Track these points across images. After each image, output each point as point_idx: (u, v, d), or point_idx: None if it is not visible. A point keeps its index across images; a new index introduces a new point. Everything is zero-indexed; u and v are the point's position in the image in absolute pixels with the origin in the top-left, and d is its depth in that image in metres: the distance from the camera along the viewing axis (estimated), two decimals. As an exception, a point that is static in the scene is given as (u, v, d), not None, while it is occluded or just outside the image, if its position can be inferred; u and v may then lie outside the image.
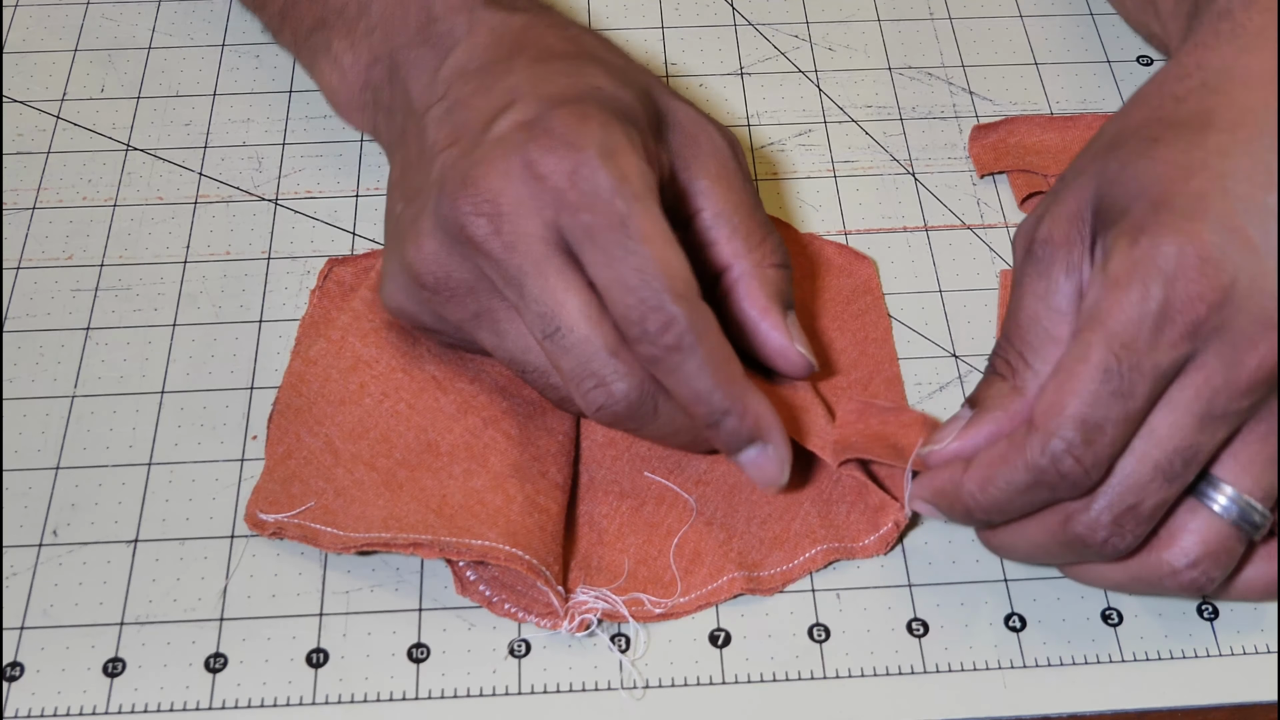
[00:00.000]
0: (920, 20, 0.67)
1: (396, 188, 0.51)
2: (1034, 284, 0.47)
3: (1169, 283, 0.43)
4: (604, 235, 0.45)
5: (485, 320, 0.48)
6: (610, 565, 0.49)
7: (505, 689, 0.47)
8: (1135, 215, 0.44)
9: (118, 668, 0.47)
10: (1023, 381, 0.47)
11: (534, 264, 0.46)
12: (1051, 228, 0.47)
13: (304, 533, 0.49)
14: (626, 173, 0.46)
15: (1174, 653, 0.48)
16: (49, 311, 0.56)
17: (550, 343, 0.46)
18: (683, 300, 0.45)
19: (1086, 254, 0.47)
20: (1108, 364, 0.43)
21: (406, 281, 0.49)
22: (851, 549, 0.50)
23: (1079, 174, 0.48)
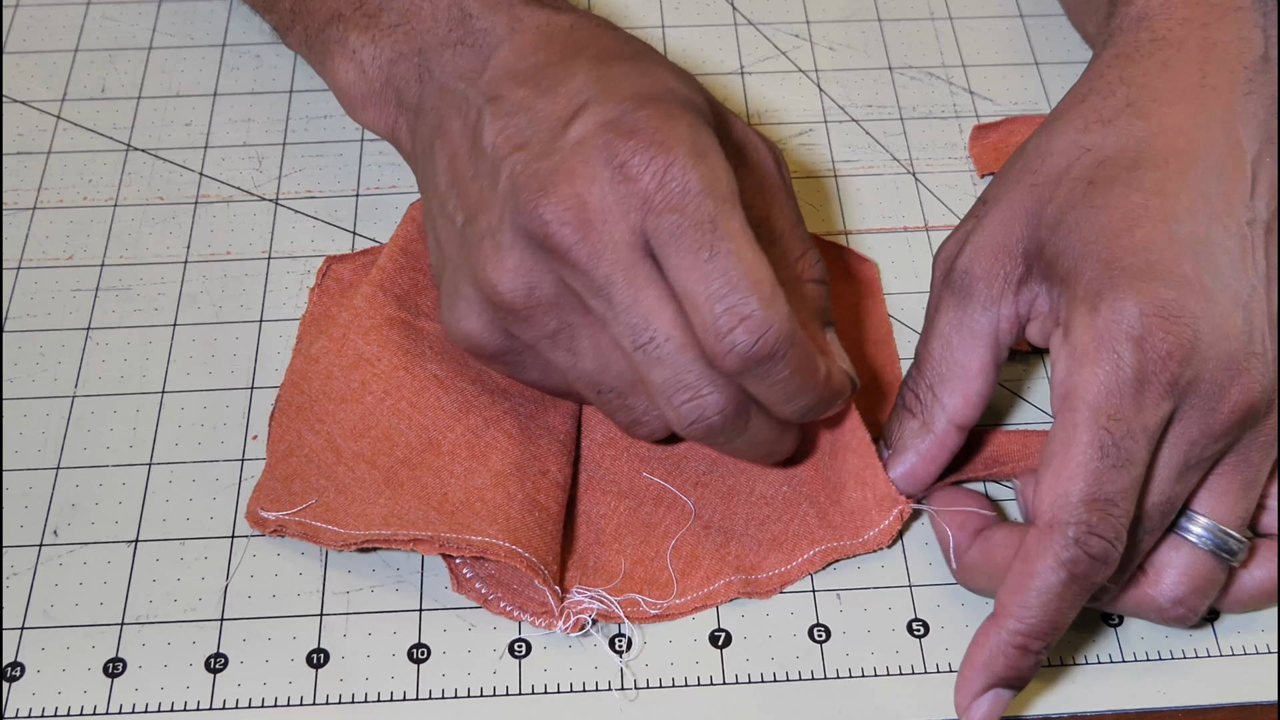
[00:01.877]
0: (921, 20, 0.67)
1: (448, 198, 0.48)
2: (949, 313, 0.47)
3: (1138, 346, 0.42)
4: (691, 238, 0.43)
5: (562, 338, 0.46)
6: (607, 565, 0.49)
7: (505, 689, 0.47)
8: (1087, 280, 0.44)
9: (118, 668, 0.47)
10: (931, 417, 0.47)
11: (624, 271, 0.44)
12: (973, 259, 0.47)
13: (305, 530, 0.49)
14: (716, 174, 0.44)
15: (1174, 653, 0.48)
16: (49, 311, 0.56)
17: (642, 354, 0.44)
18: (771, 307, 0.43)
19: (1009, 291, 0.46)
20: (1101, 441, 0.42)
21: (481, 301, 0.47)
22: (853, 545, 0.49)
23: (1002, 202, 0.47)
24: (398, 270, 0.54)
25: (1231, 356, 0.43)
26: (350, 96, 0.54)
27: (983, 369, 0.47)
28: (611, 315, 0.44)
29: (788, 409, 0.45)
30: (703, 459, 0.52)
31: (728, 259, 0.43)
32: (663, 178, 0.43)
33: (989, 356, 0.47)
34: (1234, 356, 0.43)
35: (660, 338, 0.44)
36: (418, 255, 0.55)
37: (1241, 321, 0.44)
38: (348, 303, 0.54)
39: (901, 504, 0.49)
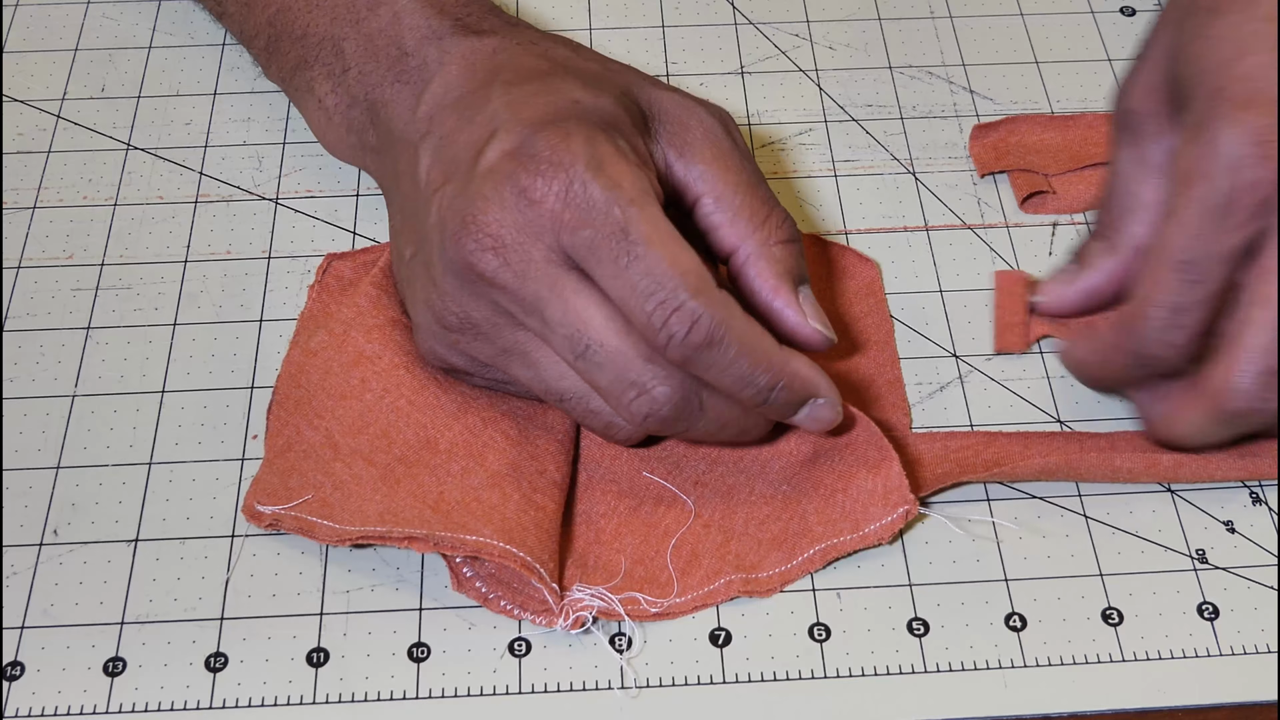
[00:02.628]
0: (921, 19, 0.67)
1: (400, 234, 0.52)
2: (1124, 151, 0.52)
3: (1229, 174, 0.46)
4: (607, 247, 0.45)
5: (515, 355, 0.48)
6: (607, 564, 0.49)
7: (506, 688, 0.47)
8: (1197, 105, 0.48)
9: (118, 667, 0.47)
10: (1118, 242, 0.52)
11: (549, 288, 0.46)
12: (1135, 99, 0.52)
13: (300, 525, 0.49)
14: (618, 181, 0.45)
15: (1174, 652, 0.48)
16: (49, 311, 0.56)
17: (583, 362, 0.46)
18: (700, 295, 0.45)
19: (1167, 120, 0.51)
20: (1181, 258, 0.47)
21: (434, 327, 0.49)
22: (853, 541, 0.49)
23: (1154, 43, 0.52)
24: (398, 270, 0.55)
25: None
26: (324, 140, 0.59)
27: (1160, 199, 0.51)
28: (548, 330, 0.47)
29: (746, 393, 0.46)
30: (702, 458, 0.52)
31: (645, 260, 0.45)
32: (566, 197, 0.45)
33: (1165, 186, 0.50)
34: None
35: (595, 344, 0.46)
36: (418, 255, 0.55)
37: None
38: (349, 300, 0.54)
39: (909, 503, 0.49)
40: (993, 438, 0.53)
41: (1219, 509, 0.51)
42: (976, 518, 0.51)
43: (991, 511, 0.51)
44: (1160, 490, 0.52)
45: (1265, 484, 0.52)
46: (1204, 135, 0.47)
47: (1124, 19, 0.67)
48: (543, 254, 0.46)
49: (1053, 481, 0.52)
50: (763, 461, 0.52)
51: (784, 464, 0.52)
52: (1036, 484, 0.52)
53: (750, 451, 0.52)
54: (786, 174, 0.61)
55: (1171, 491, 0.52)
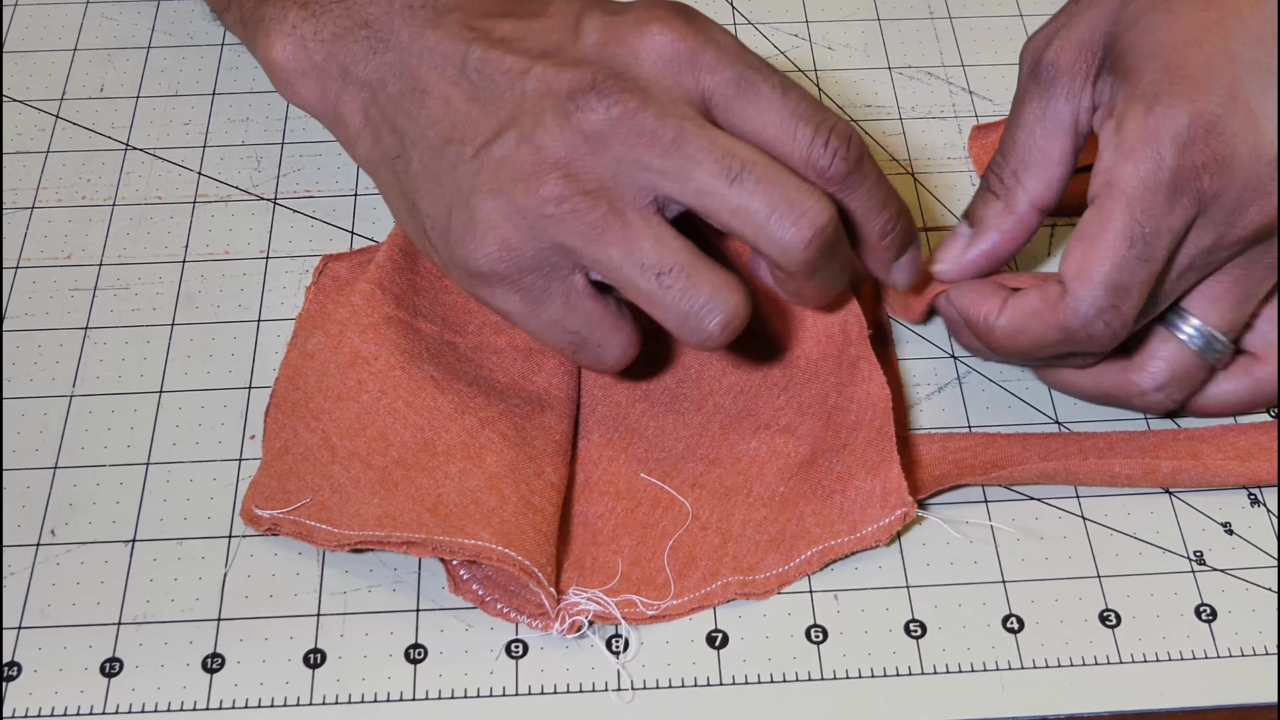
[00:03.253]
0: (920, 20, 0.67)
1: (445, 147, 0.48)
2: (1034, 103, 0.50)
3: (1180, 151, 0.46)
4: (763, 79, 0.46)
5: (615, 226, 0.46)
6: (604, 566, 0.49)
7: (502, 690, 0.47)
8: (1148, 79, 0.47)
9: (115, 668, 0.47)
10: (1014, 199, 0.51)
11: (692, 120, 0.46)
12: (1060, 51, 0.50)
13: (299, 529, 0.49)
14: (733, 36, 0.47)
15: (1172, 654, 0.48)
16: (48, 311, 0.56)
17: (739, 185, 0.45)
18: (840, 118, 0.47)
19: (1089, 84, 0.50)
20: (1131, 231, 0.46)
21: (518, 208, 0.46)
22: (850, 543, 0.49)
23: (1094, 4, 0.50)
24: (396, 269, 0.54)
25: (1257, 178, 0.46)
26: (286, 71, 0.53)
27: (1063, 156, 0.50)
28: (693, 163, 0.45)
29: (884, 215, 0.48)
30: (700, 459, 0.52)
31: (796, 89, 0.47)
32: (706, 37, 0.46)
33: (1069, 144, 0.50)
34: (1259, 179, 0.46)
35: (750, 161, 0.45)
36: (415, 255, 0.55)
37: (1275, 149, 0.46)
38: (345, 300, 0.54)
39: (907, 505, 0.49)
40: (991, 439, 0.53)
41: (1217, 510, 0.51)
42: (974, 520, 0.51)
43: (989, 513, 0.51)
44: (1158, 492, 0.52)
45: (1264, 486, 0.52)
46: (1157, 108, 0.46)
47: (1124, 19, 0.67)
48: (682, 94, 0.46)
49: (1051, 484, 0.52)
50: (760, 463, 0.52)
51: (781, 465, 0.52)
52: (1034, 485, 0.52)
53: (748, 453, 0.52)
54: (785, 174, 0.61)
55: (1169, 493, 0.52)
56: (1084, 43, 0.50)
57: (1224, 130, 0.46)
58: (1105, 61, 0.49)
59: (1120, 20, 0.49)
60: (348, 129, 0.52)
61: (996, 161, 0.52)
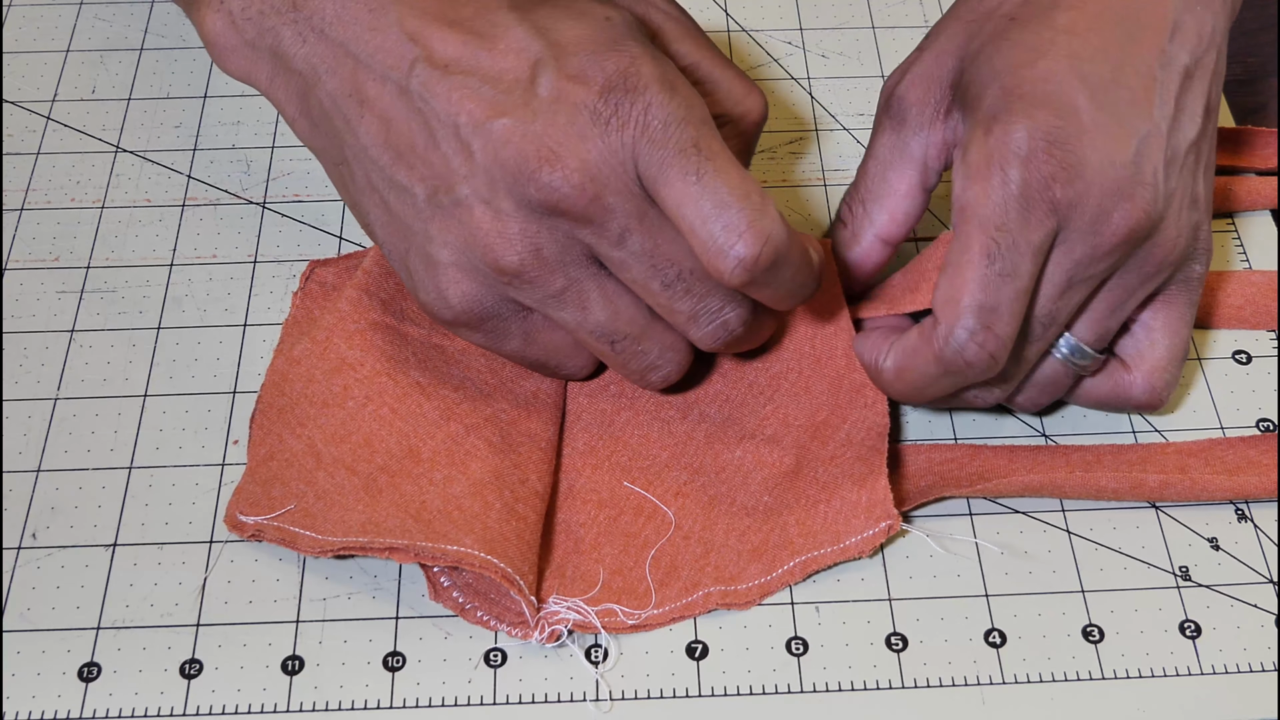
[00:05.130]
0: (914, 28, 0.67)
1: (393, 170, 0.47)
2: (886, 136, 0.52)
3: (1023, 165, 0.46)
4: (679, 164, 0.45)
5: (570, 295, 0.47)
6: (585, 574, 0.49)
7: (480, 699, 0.47)
8: (988, 104, 0.47)
9: (93, 672, 0.47)
10: (859, 229, 0.52)
11: (637, 218, 0.46)
12: (909, 88, 0.51)
13: (282, 535, 0.49)
14: (690, 102, 0.46)
15: (1155, 670, 0.47)
16: (34, 313, 0.56)
17: (671, 291, 0.47)
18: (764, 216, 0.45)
19: (939, 118, 0.51)
20: (988, 249, 0.46)
21: (473, 267, 0.47)
22: (833, 553, 0.49)
23: (941, 37, 0.51)
24: (383, 274, 0.54)
25: (1117, 183, 0.46)
26: (218, 46, 0.51)
27: (910, 190, 0.52)
28: (633, 261, 0.46)
29: (790, 303, 0.48)
30: (684, 468, 0.52)
31: (715, 178, 0.45)
32: (645, 118, 0.45)
33: (917, 179, 0.51)
34: (1120, 183, 0.46)
35: (685, 270, 0.46)
36: (403, 260, 0.55)
37: (1132, 153, 0.46)
38: (331, 306, 0.54)
39: (892, 518, 0.49)
40: (977, 451, 0.53)
41: (1203, 526, 0.51)
42: (958, 533, 0.51)
43: (973, 526, 0.51)
44: (1144, 506, 0.51)
45: (1251, 501, 0.52)
46: (996, 128, 0.46)
47: (1119, 30, 0.67)
48: (627, 184, 0.45)
49: (1037, 498, 0.51)
50: (745, 473, 0.52)
51: (766, 475, 0.51)
52: (1019, 499, 0.52)
53: (733, 462, 0.52)
54: (776, 182, 0.61)
55: (1155, 508, 0.51)
56: (931, 78, 0.51)
57: (1067, 140, 0.46)
58: (954, 98, 0.50)
59: (965, 57, 0.50)
60: (284, 111, 0.51)
61: (849, 192, 0.53)
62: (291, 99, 0.50)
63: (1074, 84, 0.47)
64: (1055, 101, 0.46)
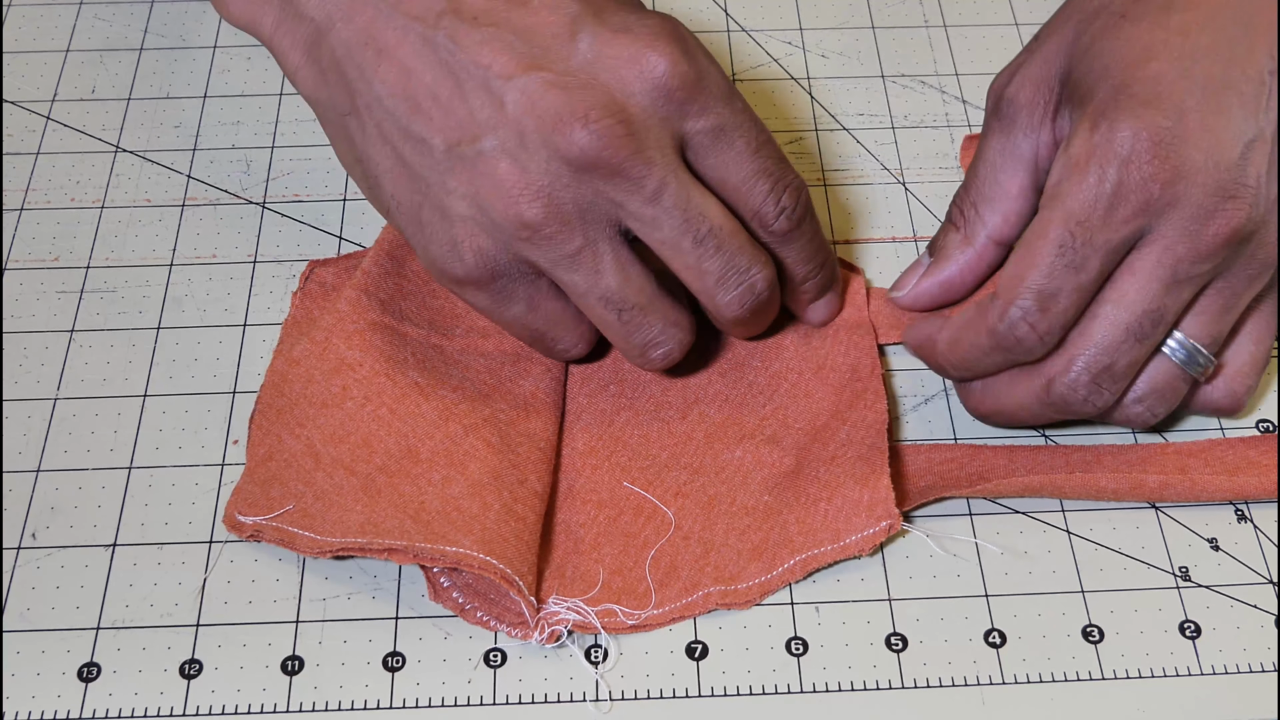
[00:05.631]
0: (914, 28, 0.67)
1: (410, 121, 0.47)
2: (996, 139, 0.52)
3: (1123, 166, 0.46)
4: (739, 131, 0.47)
5: (585, 256, 0.47)
6: (585, 574, 0.49)
7: (480, 699, 0.47)
8: (1098, 99, 0.48)
9: (93, 672, 0.47)
10: (973, 232, 0.53)
11: (674, 174, 0.47)
12: (1019, 88, 0.52)
13: (281, 536, 0.49)
14: (724, 74, 0.48)
15: (1155, 671, 0.47)
16: (34, 313, 0.56)
17: (703, 248, 0.47)
18: (795, 172, 0.49)
19: (1048, 118, 0.51)
20: (1063, 239, 0.47)
21: (489, 222, 0.46)
22: (834, 551, 0.49)
23: (1051, 38, 0.52)
24: (382, 275, 0.54)
25: (1221, 184, 0.47)
26: None
27: (1022, 190, 0.52)
28: (666, 217, 0.47)
29: (808, 267, 0.51)
30: (684, 468, 0.52)
31: (768, 144, 0.48)
32: (699, 84, 0.47)
33: (1028, 179, 0.52)
34: (1223, 185, 0.47)
35: (717, 227, 0.47)
36: (402, 260, 0.55)
37: (1238, 156, 0.47)
38: (330, 306, 0.54)
39: (893, 517, 0.49)
40: (977, 451, 0.53)
41: (1203, 526, 0.51)
42: (958, 533, 0.51)
43: (973, 526, 0.51)
44: (1144, 507, 0.51)
45: (1251, 502, 0.51)
46: (1103, 125, 0.47)
47: (1119, 29, 0.67)
48: (666, 141, 0.46)
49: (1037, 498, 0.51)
50: (744, 472, 0.52)
51: (766, 475, 0.51)
52: (1020, 499, 0.51)
53: (732, 462, 0.52)
54: (776, 183, 0.61)
55: (1155, 508, 0.51)
56: (1041, 79, 0.51)
57: (1174, 141, 0.46)
58: (1063, 96, 0.50)
59: (1074, 54, 0.50)
60: (286, 61, 0.50)
61: (959, 195, 0.54)
62: (297, 46, 0.49)
63: (1184, 85, 0.47)
64: (1164, 102, 0.47)
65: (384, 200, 0.49)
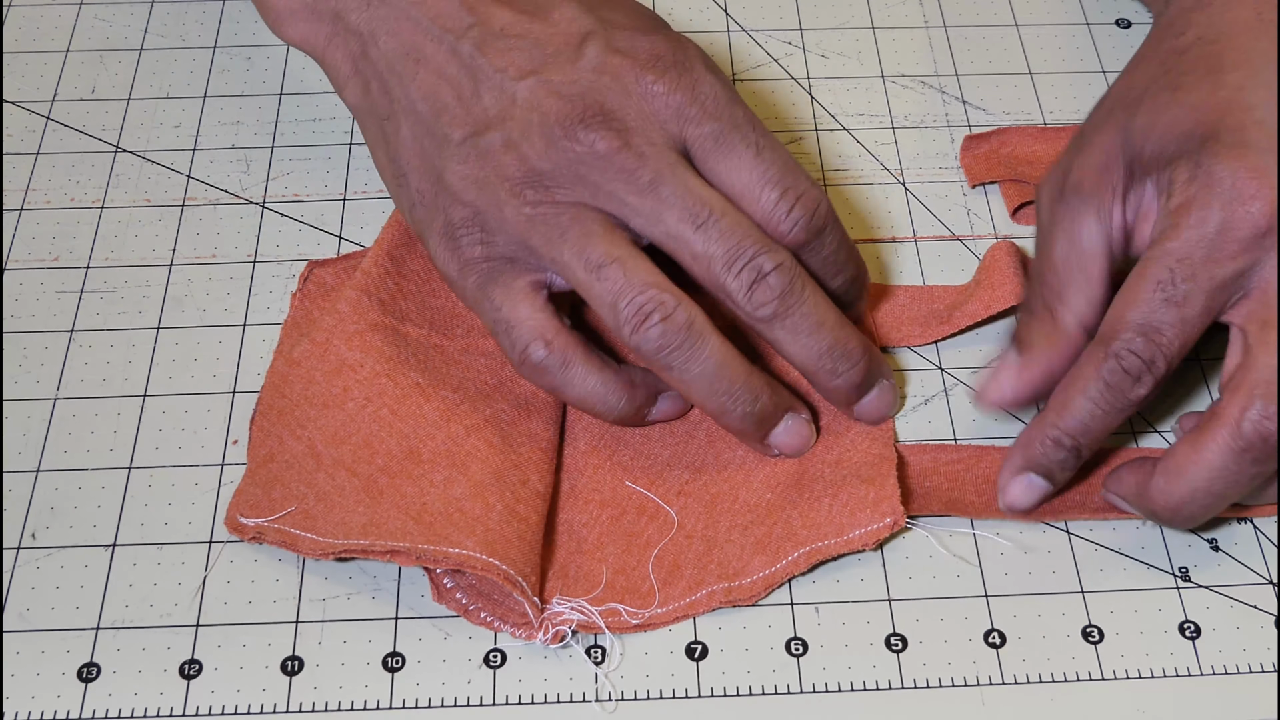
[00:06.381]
0: (915, 28, 0.67)
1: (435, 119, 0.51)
2: (1067, 228, 0.51)
3: (1226, 204, 0.47)
4: (740, 136, 0.49)
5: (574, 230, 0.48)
6: (588, 574, 0.49)
7: (480, 699, 0.47)
8: (1185, 157, 0.48)
9: (92, 673, 0.47)
10: (1062, 318, 0.50)
11: (669, 167, 0.48)
12: (1082, 176, 0.51)
13: (283, 538, 0.49)
14: (730, 85, 0.50)
15: (1155, 671, 0.47)
16: (34, 313, 0.56)
17: (702, 231, 0.48)
18: (815, 185, 0.50)
19: (1118, 201, 0.50)
20: (1160, 277, 0.47)
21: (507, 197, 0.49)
22: (837, 545, 0.49)
23: (1100, 130, 0.52)
24: (383, 275, 0.54)
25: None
26: (277, 10, 0.55)
27: (1101, 275, 0.50)
28: (664, 205, 0.48)
29: (839, 279, 0.51)
30: (686, 467, 0.52)
31: (773, 151, 0.49)
32: (693, 93, 0.49)
33: (1105, 264, 0.50)
34: None
35: (717, 212, 0.48)
36: (402, 260, 0.55)
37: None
38: (330, 306, 0.54)
39: (897, 514, 0.48)
40: (984, 452, 0.53)
41: (1203, 527, 0.51)
42: (958, 533, 0.51)
43: (973, 526, 0.51)
44: (1144, 507, 0.51)
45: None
46: (1199, 174, 0.47)
47: (1119, 31, 0.67)
48: (663, 139, 0.48)
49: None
50: (746, 470, 0.52)
51: (769, 473, 0.51)
52: (1019, 499, 0.52)
53: (734, 461, 0.52)
54: (776, 183, 0.61)
55: (1155, 508, 0.51)
56: (1103, 166, 0.51)
57: (1271, 177, 0.46)
58: (1134, 173, 0.50)
59: (1135, 134, 0.50)
60: (337, 73, 0.54)
61: (1035, 287, 0.51)
62: (346, 59, 0.54)
63: (1261, 131, 0.48)
64: (1253, 143, 0.47)
65: (410, 196, 0.52)
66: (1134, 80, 0.52)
